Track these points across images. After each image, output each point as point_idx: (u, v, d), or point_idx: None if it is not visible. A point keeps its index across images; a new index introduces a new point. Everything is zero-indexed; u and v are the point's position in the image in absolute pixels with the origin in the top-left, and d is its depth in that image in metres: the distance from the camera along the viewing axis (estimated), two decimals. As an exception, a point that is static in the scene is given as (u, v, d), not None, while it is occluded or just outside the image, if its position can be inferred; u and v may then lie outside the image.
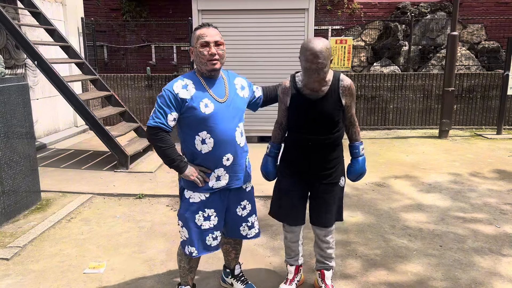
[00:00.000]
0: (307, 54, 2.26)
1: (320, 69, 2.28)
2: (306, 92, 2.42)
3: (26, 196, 4.16)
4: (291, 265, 2.77)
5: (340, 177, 2.60)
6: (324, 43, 2.27)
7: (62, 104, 7.29)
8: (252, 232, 2.55)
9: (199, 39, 2.21)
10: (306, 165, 2.53)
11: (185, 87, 2.23)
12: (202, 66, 2.24)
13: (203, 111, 2.21)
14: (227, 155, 2.30)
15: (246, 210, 2.50)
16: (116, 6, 10.19)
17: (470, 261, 3.17)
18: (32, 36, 6.51)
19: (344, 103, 2.44)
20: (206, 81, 2.28)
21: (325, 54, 2.26)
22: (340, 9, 9.93)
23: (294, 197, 2.60)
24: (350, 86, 2.44)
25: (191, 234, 2.35)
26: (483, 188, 4.78)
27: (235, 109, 2.33)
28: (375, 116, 8.26)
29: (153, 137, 2.24)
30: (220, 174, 2.31)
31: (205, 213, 2.34)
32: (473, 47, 9.67)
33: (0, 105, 3.78)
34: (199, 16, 6.78)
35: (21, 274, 3.03)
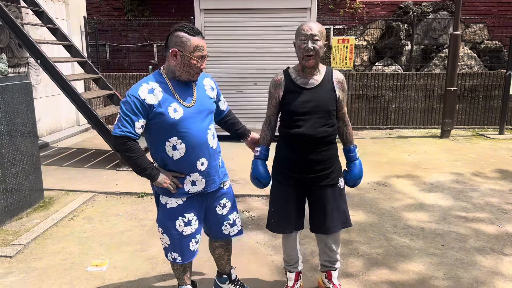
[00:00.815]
0: (302, 28, 2.33)
1: (315, 40, 2.29)
2: (300, 82, 2.41)
3: (29, 194, 4.18)
4: (290, 272, 2.71)
5: (338, 178, 2.52)
6: (318, 24, 2.35)
7: (64, 103, 7.31)
8: (234, 230, 2.48)
9: (197, 51, 2.09)
10: (302, 166, 2.42)
11: (152, 91, 2.09)
12: (186, 75, 2.14)
13: (172, 116, 2.09)
14: (201, 159, 2.20)
15: (226, 208, 2.42)
16: (119, 5, 10.21)
17: (472, 261, 3.18)
18: (35, 35, 6.52)
19: (338, 95, 2.43)
20: (173, 83, 2.16)
21: (319, 29, 2.31)
22: (342, 9, 9.93)
23: (290, 207, 2.50)
24: (343, 80, 2.46)
25: (173, 241, 2.27)
26: (485, 188, 4.78)
27: (204, 112, 2.23)
28: (377, 115, 8.25)
29: (121, 147, 2.12)
30: (195, 179, 2.22)
31: (185, 218, 2.25)
32: (475, 46, 9.66)
33: (3, 103, 3.79)
34: (202, 15, 6.79)
35: (24, 272, 3.04)
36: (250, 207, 4.25)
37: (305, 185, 2.48)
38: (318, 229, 2.55)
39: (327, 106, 2.38)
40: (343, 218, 2.54)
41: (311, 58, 2.32)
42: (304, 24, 2.35)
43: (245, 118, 6.95)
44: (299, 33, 2.35)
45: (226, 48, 6.89)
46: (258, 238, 3.58)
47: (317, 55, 2.32)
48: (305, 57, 2.33)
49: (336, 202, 2.50)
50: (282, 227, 2.55)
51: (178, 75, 2.15)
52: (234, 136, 2.65)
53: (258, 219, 3.97)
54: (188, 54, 2.08)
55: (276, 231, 2.60)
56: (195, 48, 2.09)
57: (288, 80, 2.44)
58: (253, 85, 6.98)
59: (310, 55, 2.31)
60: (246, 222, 3.91)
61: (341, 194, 2.54)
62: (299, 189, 2.50)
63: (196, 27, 2.15)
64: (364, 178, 2.70)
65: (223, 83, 6.84)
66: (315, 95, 2.38)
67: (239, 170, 5.23)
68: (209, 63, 6.94)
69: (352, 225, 2.63)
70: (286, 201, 2.50)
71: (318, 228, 2.54)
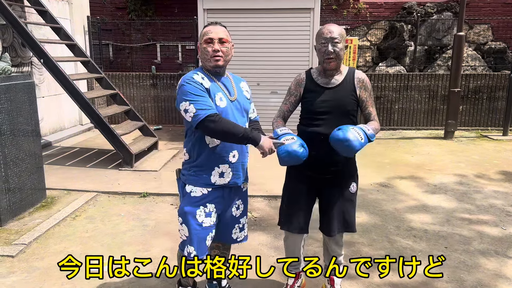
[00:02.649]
0: (322, 31, 2.34)
1: (335, 43, 2.31)
2: (321, 81, 2.43)
3: (32, 194, 4.18)
4: (291, 271, 2.71)
5: (351, 182, 2.52)
6: (338, 26, 2.38)
7: (67, 102, 7.32)
8: (241, 235, 2.50)
9: (204, 36, 2.21)
10: (316, 165, 2.43)
11: (202, 79, 2.21)
12: (206, 63, 2.24)
13: (218, 104, 2.19)
14: (234, 151, 2.27)
15: (240, 210, 2.45)
16: (122, 5, 10.21)
17: (475, 263, 3.15)
18: (39, 34, 6.53)
19: (358, 95, 2.42)
20: (215, 77, 2.27)
21: (340, 32, 2.33)
22: (346, 9, 9.90)
23: (300, 206, 2.51)
24: (365, 79, 2.44)
25: (191, 232, 2.27)
26: (488, 190, 4.75)
27: (242, 109, 2.33)
28: (380, 116, 8.22)
29: (210, 125, 2.07)
30: (224, 170, 2.27)
31: (207, 209, 2.28)
32: (479, 47, 9.61)
33: (6, 102, 3.79)
34: (205, 15, 6.79)
35: (26, 271, 3.04)
36: (252, 208, 4.24)
37: (317, 184, 2.50)
38: (323, 230, 2.58)
39: (346, 106, 2.40)
40: (348, 223, 2.53)
41: (332, 60, 2.35)
42: (324, 28, 2.36)
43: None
44: (319, 37, 2.36)
45: (229, 48, 6.87)
46: (261, 239, 3.57)
47: (338, 57, 2.34)
48: (326, 60, 2.35)
49: (344, 206, 2.50)
50: (289, 224, 2.56)
51: (204, 66, 2.27)
52: None
53: (261, 220, 3.96)
54: (200, 42, 2.25)
55: (283, 228, 2.61)
56: (203, 34, 2.23)
57: (309, 79, 2.47)
58: (256, 85, 6.97)
59: (331, 58, 2.33)
60: (249, 223, 3.90)
61: (350, 199, 2.53)
62: (311, 188, 2.52)
63: (215, 21, 2.30)
64: (367, 179, 2.70)
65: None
66: (334, 94, 2.40)
67: (242, 171, 5.23)
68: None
69: (356, 231, 2.62)
70: (299, 197, 2.53)
71: (323, 228, 2.57)
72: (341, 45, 2.33)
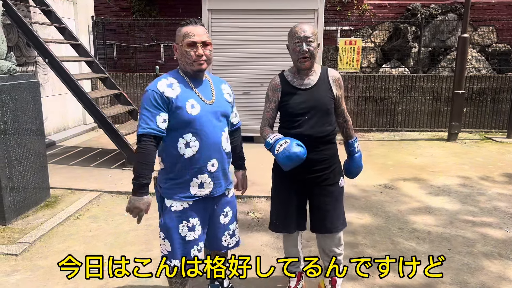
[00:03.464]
0: (295, 30, 2.33)
1: (309, 42, 2.30)
2: (297, 83, 2.42)
3: (36, 193, 4.19)
4: (292, 272, 2.70)
5: (339, 177, 2.53)
6: (311, 25, 2.38)
7: (71, 102, 7.35)
8: (233, 241, 2.42)
9: (186, 38, 2.06)
10: (302, 166, 2.36)
11: (170, 85, 2.07)
12: (188, 66, 2.11)
13: (189, 111, 2.05)
14: (212, 160, 2.14)
15: (228, 217, 2.35)
16: (126, 5, 10.25)
17: (479, 265, 3.14)
18: (43, 34, 6.56)
19: (335, 94, 2.44)
20: (191, 80, 2.14)
21: (312, 30, 2.32)
22: (350, 10, 9.90)
23: (290, 206, 2.50)
24: (339, 78, 2.46)
25: (175, 246, 2.18)
26: (492, 192, 4.73)
27: (221, 113, 2.19)
28: (384, 117, 8.21)
29: (138, 145, 2.04)
30: (203, 181, 2.15)
31: (189, 223, 2.17)
32: (484, 49, 9.58)
33: (11, 102, 3.81)
34: (209, 16, 6.80)
35: (30, 270, 3.05)
36: (255, 208, 4.24)
37: (306, 184, 2.49)
38: (319, 229, 2.55)
39: (325, 105, 2.40)
40: (340, 218, 2.55)
41: (307, 60, 2.34)
42: (297, 26, 2.35)
43: (251, 118, 6.95)
44: (292, 36, 2.35)
45: (233, 48, 6.88)
46: (263, 239, 3.57)
47: (312, 56, 2.34)
48: (301, 59, 2.34)
49: (336, 201, 2.52)
50: (283, 226, 2.56)
51: (184, 68, 2.14)
52: None
53: (263, 220, 3.96)
54: (180, 44, 2.09)
55: (277, 231, 2.61)
56: (184, 35, 2.07)
57: (284, 82, 2.46)
58: (260, 86, 6.97)
59: (306, 57, 2.32)
60: (251, 223, 3.91)
61: (340, 194, 2.55)
62: (300, 189, 2.50)
63: (194, 19, 2.14)
64: (370, 180, 2.71)
65: (230, 83, 6.81)
66: (312, 95, 2.39)
67: (245, 171, 5.22)
68: (216, 63, 6.95)
69: (346, 225, 2.62)
70: (287, 201, 2.51)
71: (319, 228, 2.54)
72: (315, 44, 2.33)
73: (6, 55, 4.00)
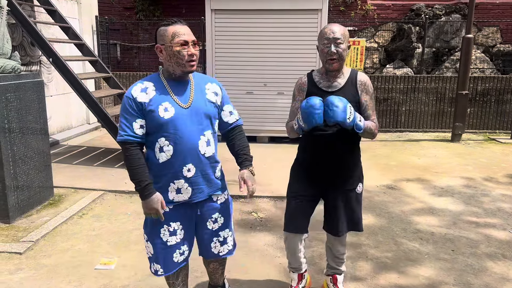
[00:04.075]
0: (325, 31, 2.29)
1: (338, 43, 2.26)
2: (323, 85, 2.39)
3: (39, 192, 4.21)
4: (293, 272, 2.71)
5: (357, 183, 2.49)
6: (341, 26, 2.32)
7: (75, 101, 7.37)
8: (224, 249, 2.31)
9: (176, 37, 1.98)
10: (321, 168, 2.41)
11: (144, 90, 2.04)
12: (179, 67, 2.03)
13: (161, 115, 2.00)
14: (188, 165, 2.07)
15: (218, 223, 2.25)
16: (130, 5, 10.27)
17: (482, 266, 3.13)
18: (47, 33, 6.58)
19: (360, 98, 2.38)
20: (170, 84, 2.08)
21: (342, 32, 2.28)
22: (354, 10, 9.89)
23: (302, 202, 2.49)
24: (367, 82, 2.40)
25: (156, 250, 2.16)
26: (496, 193, 4.72)
27: (201, 116, 2.09)
28: (387, 118, 8.20)
29: (124, 153, 2.04)
30: (180, 186, 2.09)
31: (170, 227, 2.14)
32: (488, 50, 9.55)
33: (15, 101, 3.83)
34: (212, 16, 6.80)
35: (33, 269, 3.06)
36: (258, 208, 4.24)
37: (323, 187, 2.48)
38: (329, 230, 2.57)
39: None
40: (356, 222, 2.53)
41: (335, 61, 2.30)
42: (327, 27, 2.31)
43: (254, 118, 6.96)
44: (322, 37, 2.31)
45: (236, 48, 6.89)
46: (267, 239, 3.57)
47: (341, 58, 2.29)
48: (329, 60, 2.30)
49: (351, 206, 2.49)
50: (289, 224, 2.56)
51: (171, 70, 2.06)
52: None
53: (266, 220, 3.96)
54: (168, 44, 2.00)
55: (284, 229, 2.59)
56: (173, 35, 2.00)
57: (311, 83, 2.42)
58: (263, 86, 6.97)
59: (334, 58, 2.29)
60: (254, 223, 3.91)
61: (357, 199, 2.51)
62: (316, 190, 2.49)
63: (175, 18, 2.07)
64: (373, 181, 2.68)
65: (233, 83, 6.85)
66: None
67: (248, 171, 5.22)
68: (219, 63, 6.96)
69: (362, 230, 2.60)
70: (300, 199, 2.50)
71: (330, 229, 2.56)
72: (344, 46, 2.28)
73: (10, 54, 4.02)
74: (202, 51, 9.16)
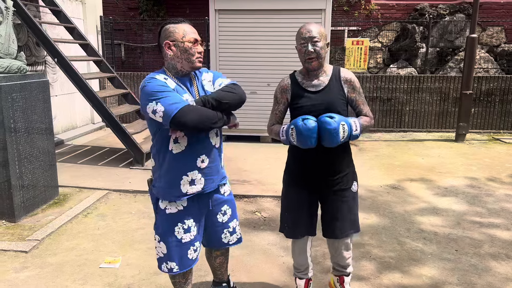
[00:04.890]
0: (301, 31, 2.29)
1: (315, 42, 2.25)
2: (307, 85, 2.37)
3: (45, 191, 4.24)
4: (300, 278, 2.65)
5: (352, 182, 2.46)
6: (318, 25, 2.32)
7: (79, 101, 7.41)
8: (233, 238, 2.39)
9: (187, 35, 2.06)
10: (314, 170, 2.37)
11: (166, 79, 2.07)
12: (188, 64, 2.09)
13: None
14: (202, 156, 2.12)
15: (227, 215, 2.33)
16: (134, 5, 10.31)
17: (486, 266, 3.13)
18: (52, 34, 6.62)
19: (347, 96, 2.37)
20: (179, 79, 2.13)
21: (318, 30, 2.27)
22: (357, 10, 9.88)
23: (302, 212, 2.46)
24: (352, 78, 2.37)
25: (171, 249, 2.18)
26: (500, 193, 4.71)
27: None
28: (391, 118, 8.19)
29: (189, 116, 1.94)
30: (194, 177, 2.12)
31: (185, 225, 2.16)
32: (492, 49, 9.52)
33: (21, 100, 3.86)
34: (216, 16, 6.82)
35: (39, 267, 3.09)
36: (261, 208, 4.26)
37: (318, 188, 2.44)
38: (329, 234, 2.51)
39: (336, 107, 2.32)
40: (353, 222, 2.51)
41: (313, 60, 2.29)
42: (303, 27, 2.32)
43: (258, 118, 6.96)
44: (298, 37, 2.32)
45: (240, 48, 6.91)
46: (270, 239, 3.58)
47: (319, 56, 2.29)
48: (307, 60, 2.30)
49: (348, 206, 2.46)
50: (294, 232, 2.52)
51: (180, 67, 2.10)
52: None
53: (270, 219, 3.97)
54: (180, 40, 2.06)
55: (289, 236, 2.56)
56: (184, 33, 2.07)
57: (295, 84, 2.41)
58: (266, 86, 6.99)
59: (312, 57, 2.29)
60: (258, 222, 3.92)
61: (353, 198, 2.49)
62: (312, 193, 2.45)
63: (181, 18, 2.14)
64: (377, 180, 2.66)
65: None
66: (322, 97, 2.34)
67: (252, 171, 5.23)
68: (223, 63, 6.97)
69: (360, 230, 2.58)
70: (299, 205, 2.47)
71: (330, 233, 2.50)
72: (321, 44, 2.28)
73: (16, 54, 4.05)
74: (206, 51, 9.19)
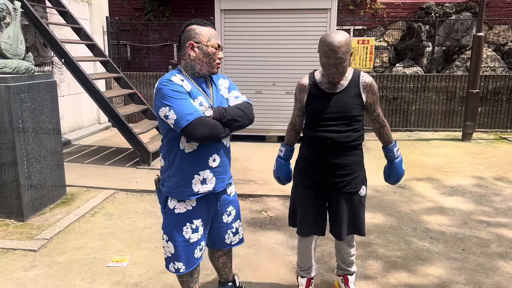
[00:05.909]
0: (325, 49, 2.19)
1: (339, 64, 2.20)
2: (325, 87, 2.35)
3: (52, 190, 4.28)
4: (302, 277, 2.68)
5: (360, 186, 2.45)
6: (343, 37, 2.19)
7: (86, 101, 7.46)
8: (236, 239, 2.42)
9: (213, 39, 2.08)
10: (323, 169, 2.38)
11: (182, 81, 2.07)
12: (207, 67, 2.11)
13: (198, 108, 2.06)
14: (214, 155, 2.14)
15: (231, 216, 2.35)
16: (140, 6, 10.35)
17: (493, 266, 3.12)
18: (59, 34, 6.67)
19: (364, 100, 2.35)
20: (196, 81, 2.15)
21: (344, 48, 2.17)
22: (363, 9, 9.85)
23: (309, 210, 2.47)
24: (371, 83, 2.34)
25: (178, 249, 2.20)
26: (507, 193, 4.68)
27: None
28: (397, 117, 8.16)
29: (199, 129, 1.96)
30: (205, 176, 2.13)
31: (193, 225, 2.18)
32: (499, 48, 9.45)
33: (29, 101, 3.89)
34: (222, 16, 6.83)
35: (47, 266, 3.12)
36: (267, 207, 4.26)
37: (325, 188, 2.44)
38: (334, 235, 2.53)
39: (351, 111, 2.31)
40: (357, 227, 2.50)
41: (336, 77, 2.28)
42: (327, 43, 2.19)
43: (264, 118, 6.97)
44: (322, 48, 2.22)
45: (246, 48, 6.91)
46: (276, 238, 3.59)
47: (343, 72, 2.26)
48: (331, 75, 2.27)
49: (354, 209, 2.46)
50: (302, 229, 2.53)
51: (198, 69, 2.12)
52: None
53: (276, 219, 3.98)
54: (205, 44, 2.07)
55: (298, 232, 2.57)
56: (210, 37, 2.08)
57: (313, 84, 2.39)
58: (272, 85, 6.99)
59: (335, 75, 2.26)
60: (264, 222, 3.93)
61: (360, 202, 2.48)
62: (319, 192, 2.46)
63: (205, 20, 2.14)
64: (383, 180, 2.66)
65: (242, 83, 6.87)
66: (339, 100, 2.31)
67: (258, 170, 5.24)
68: (229, 63, 6.99)
69: (365, 234, 2.57)
70: (307, 203, 2.48)
71: (333, 232, 2.53)
72: (346, 62, 2.21)
73: (24, 55, 4.09)
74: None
